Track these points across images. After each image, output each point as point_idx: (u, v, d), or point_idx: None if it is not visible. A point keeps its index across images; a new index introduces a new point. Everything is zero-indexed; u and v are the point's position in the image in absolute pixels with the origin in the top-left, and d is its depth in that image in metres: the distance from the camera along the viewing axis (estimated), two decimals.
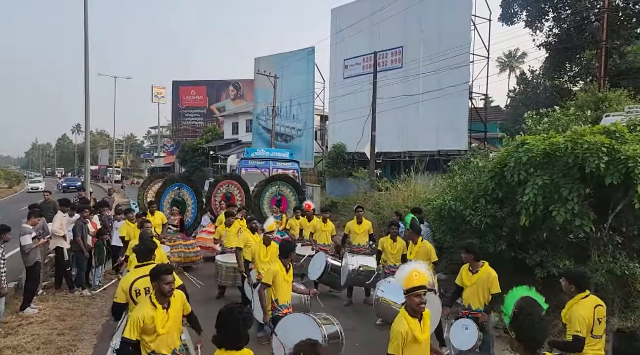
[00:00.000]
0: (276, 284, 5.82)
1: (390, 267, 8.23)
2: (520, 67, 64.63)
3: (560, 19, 22.00)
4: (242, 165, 16.45)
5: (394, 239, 8.25)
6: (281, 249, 6.03)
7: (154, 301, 4.18)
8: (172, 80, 65.33)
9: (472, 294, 5.65)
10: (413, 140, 24.74)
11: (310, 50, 33.15)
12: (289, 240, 6.31)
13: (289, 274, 5.93)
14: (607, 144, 6.13)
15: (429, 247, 7.24)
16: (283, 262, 5.91)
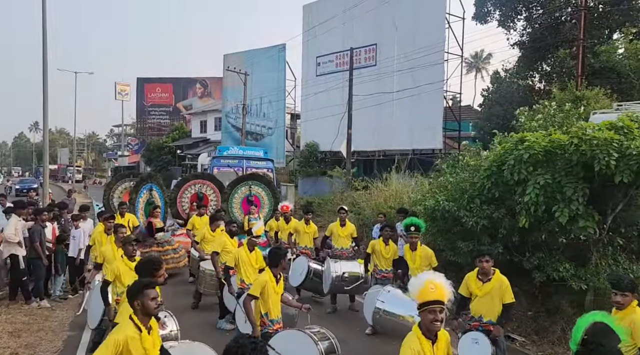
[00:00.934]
0: (265, 295, 5.18)
1: (381, 271, 7.71)
2: (486, 67, 65.78)
3: (532, 19, 22.04)
4: (214, 163, 15.64)
5: (386, 242, 7.71)
6: (270, 257, 5.41)
7: (136, 322, 3.50)
8: (136, 76, 63.21)
9: (484, 304, 5.15)
10: (387, 139, 24.43)
11: (281, 47, 32.49)
12: (279, 247, 5.68)
13: (279, 284, 5.31)
14: (616, 140, 5.76)
15: (429, 252, 6.69)
16: (273, 272, 5.28)
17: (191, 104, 54.43)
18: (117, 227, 6.91)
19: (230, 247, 7.73)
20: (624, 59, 17.16)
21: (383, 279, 7.64)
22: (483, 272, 5.19)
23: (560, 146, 6.60)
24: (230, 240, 7.81)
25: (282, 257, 5.32)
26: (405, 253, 6.87)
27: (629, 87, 17.30)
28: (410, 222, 6.62)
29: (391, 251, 7.68)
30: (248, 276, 6.61)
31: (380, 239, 7.83)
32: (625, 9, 19.29)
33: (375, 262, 7.78)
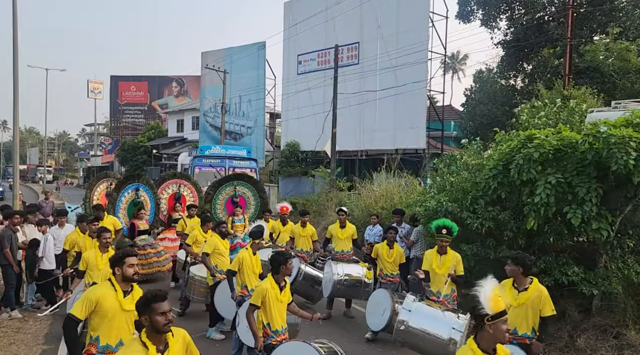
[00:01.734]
0: (267, 305, 4.78)
1: (386, 276, 7.37)
2: (462, 68, 66.33)
3: (514, 19, 22.05)
4: (196, 163, 15.05)
5: (391, 246, 7.37)
6: (271, 262, 4.98)
7: (144, 340, 3.17)
8: (109, 74, 61.74)
9: (519, 316, 4.76)
10: (369, 138, 24.12)
11: (260, 44, 31.91)
12: (281, 251, 5.22)
13: (283, 292, 4.89)
14: (635, 138, 5.48)
15: (459, 257, 6.18)
16: (275, 279, 4.88)
17: (167, 103, 53.33)
18: (101, 231, 6.31)
19: (221, 248, 7.30)
20: (608, 59, 17.18)
21: (388, 283, 7.32)
22: (515, 280, 4.82)
23: (571, 144, 6.31)
24: (222, 242, 7.36)
25: (282, 263, 4.88)
26: (430, 257, 6.28)
27: (612, 87, 17.36)
28: (442, 224, 6.08)
29: (396, 254, 7.35)
30: (251, 282, 6.19)
31: (384, 242, 7.50)
32: (607, 9, 19.43)
33: (380, 266, 7.45)
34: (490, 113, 20.41)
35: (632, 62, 16.81)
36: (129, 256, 4.03)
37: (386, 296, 6.75)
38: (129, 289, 4.03)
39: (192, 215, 10.24)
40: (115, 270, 4.01)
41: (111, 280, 4.00)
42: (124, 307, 3.93)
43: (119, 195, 10.98)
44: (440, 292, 6.04)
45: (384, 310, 6.67)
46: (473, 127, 21.47)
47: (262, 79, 31.63)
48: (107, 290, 3.94)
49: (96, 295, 3.89)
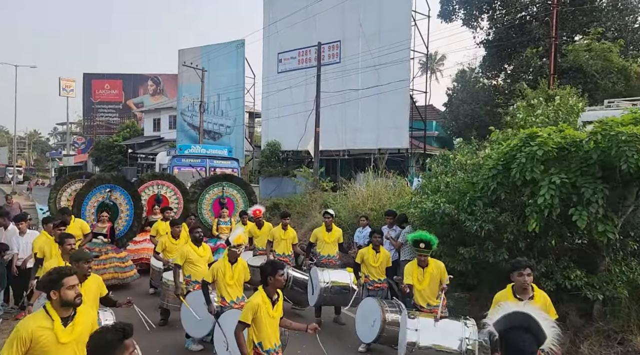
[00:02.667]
0: (258, 321, 4.31)
1: (373, 282, 6.96)
2: (440, 69, 66.80)
3: (495, 19, 22.05)
4: (175, 163, 14.47)
5: (377, 250, 6.96)
6: (260, 273, 4.53)
7: (49, 311, 3.31)
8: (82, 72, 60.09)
9: None
10: (351, 138, 23.83)
11: (239, 42, 31.30)
12: (272, 261, 4.79)
13: (275, 307, 4.43)
14: None
15: (442, 267, 5.89)
16: (266, 291, 4.41)
17: (142, 102, 52.20)
18: (63, 237, 5.65)
19: (194, 256, 6.73)
20: (590, 59, 17.22)
21: (376, 290, 6.91)
22: (523, 288, 4.44)
23: (575, 143, 6.06)
24: (195, 249, 6.79)
25: (269, 273, 4.40)
26: (411, 271, 5.90)
27: (594, 87, 17.40)
28: (419, 237, 5.74)
29: (382, 259, 6.94)
30: (229, 294, 5.73)
31: (369, 246, 7.11)
32: (588, 9, 19.53)
33: (366, 272, 7.02)
34: (473, 113, 20.33)
35: (614, 62, 16.87)
36: (67, 276, 3.34)
37: (375, 306, 6.36)
38: (70, 314, 3.37)
39: (167, 218, 9.70)
40: (51, 295, 3.30)
41: (46, 308, 3.32)
42: (61, 340, 3.28)
43: (85, 197, 10.31)
44: (430, 304, 5.75)
45: (373, 321, 6.28)
46: (456, 126, 21.36)
47: (241, 78, 31.06)
48: (41, 322, 3.28)
49: (28, 330, 3.21)
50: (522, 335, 2.78)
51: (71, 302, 3.35)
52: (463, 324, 5.24)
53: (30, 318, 3.42)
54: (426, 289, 5.77)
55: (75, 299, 3.36)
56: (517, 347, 2.77)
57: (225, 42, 31.72)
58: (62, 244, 5.59)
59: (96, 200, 10.61)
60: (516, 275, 4.48)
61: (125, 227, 10.75)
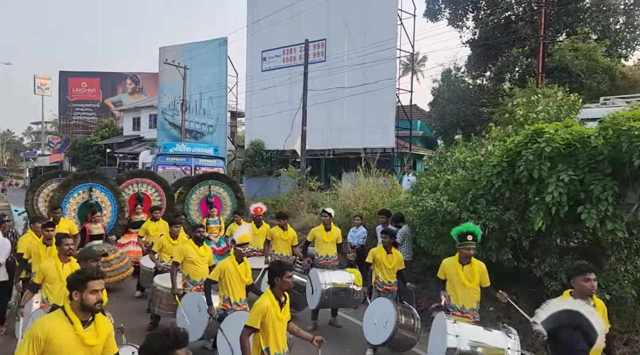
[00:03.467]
0: (266, 326, 4.05)
1: (383, 284, 6.63)
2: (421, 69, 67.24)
3: (480, 19, 22.10)
4: (159, 162, 14.02)
5: (388, 250, 6.65)
6: (268, 274, 4.27)
7: (68, 313, 3.13)
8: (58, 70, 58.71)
9: None
10: (337, 137, 23.61)
11: (222, 40, 30.84)
12: (280, 261, 4.51)
13: (283, 309, 4.18)
14: None
15: (484, 267, 5.42)
16: (274, 293, 4.15)
17: (121, 101, 51.18)
18: (61, 237, 5.38)
19: (194, 256, 6.47)
20: (575, 59, 17.33)
21: (386, 293, 6.61)
22: (586, 295, 4.01)
23: (582, 139, 5.91)
24: (196, 249, 6.54)
25: (277, 274, 4.15)
26: (451, 269, 5.43)
27: (579, 87, 17.51)
28: (466, 229, 5.27)
29: (395, 260, 6.63)
30: (234, 294, 5.44)
31: (380, 246, 6.82)
32: (572, 10, 19.69)
33: (377, 273, 6.70)
34: (459, 112, 20.30)
35: (600, 62, 16.99)
36: (93, 279, 3.18)
37: (389, 306, 6.05)
38: (88, 319, 3.22)
39: (157, 218, 9.34)
40: (73, 295, 3.16)
41: (64, 310, 3.17)
42: (87, 342, 3.13)
43: (65, 196, 9.87)
44: (464, 307, 5.32)
45: (386, 322, 5.97)
46: (442, 126, 21.32)
47: (224, 76, 30.60)
48: (58, 323, 3.12)
49: (44, 330, 3.05)
50: (573, 333, 2.57)
51: (91, 307, 3.18)
52: (505, 333, 4.94)
53: (46, 318, 3.26)
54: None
55: (95, 305, 3.19)
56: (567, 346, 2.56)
57: (207, 40, 31.21)
58: (60, 245, 5.29)
59: (75, 202, 10.17)
60: (581, 280, 4.06)
61: (110, 223, 10.34)
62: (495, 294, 5.38)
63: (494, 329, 5.11)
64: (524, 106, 8.05)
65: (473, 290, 5.31)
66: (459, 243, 5.32)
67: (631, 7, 19.73)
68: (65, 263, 5.23)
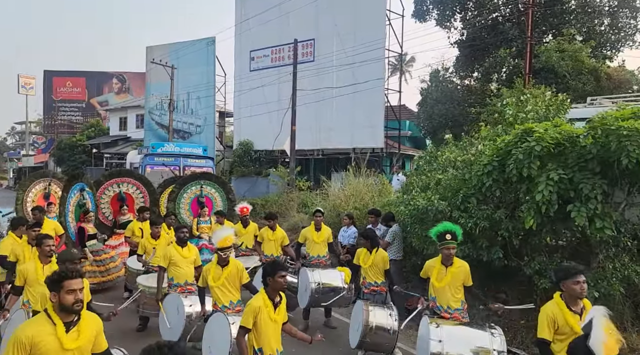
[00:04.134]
0: (258, 325, 4.05)
1: (370, 284, 6.50)
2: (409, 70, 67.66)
3: (467, 19, 22.27)
4: (147, 162, 13.91)
5: (370, 251, 6.49)
6: (262, 274, 4.25)
7: (50, 315, 3.08)
8: (43, 69, 57.91)
9: None
10: (326, 137, 23.62)
11: (210, 40, 30.65)
12: (275, 261, 4.47)
13: (278, 310, 4.16)
14: None
15: (466, 267, 5.33)
16: (267, 293, 4.14)
17: (107, 100, 50.70)
18: (41, 238, 5.29)
19: (177, 258, 6.37)
20: (561, 60, 17.53)
21: (372, 293, 6.50)
22: (576, 299, 3.94)
23: (571, 138, 5.99)
24: (179, 250, 6.44)
25: (269, 274, 4.14)
26: (433, 270, 5.37)
27: (565, 87, 17.72)
28: (443, 229, 5.17)
29: (376, 260, 6.44)
30: (220, 298, 5.36)
31: (363, 247, 6.66)
32: (558, 11, 19.93)
33: (363, 273, 6.59)
34: (447, 112, 20.43)
35: (585, 63, 17.21)
36: (68, 279, 3.08)
37: (360, 309, 6.00)
38: (72, 320, 3.14)
39: (145, 218, 9.24)
40: (52, 297, 3.10)
41: (47, 312, 3.12)
42: (65, 346, 3.06)
43: (67, 196, 9.77)
44: (450, 307, 5.24)
45: (358, 325, 5.96)
46: (430, 126, 21.44)
47: (212, 76, 30.41)
48: (42, 326, 3.06)
49: (27, 335, 2.99)
50: None
51: (69, 308, 3.08)
52: (490, 333, 4.86)
53: (30, 322, 3.26)
54: (445, 289, 5.21)
55: (73, 305, 3.08)
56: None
57: (195, 39, 31.02)
58: (40, 246, 5.20)
59: (72, 202, 10.07)
60: (571, 283, 3.92)
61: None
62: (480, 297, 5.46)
63: (479, 329, 5.04)
64: (514, 106, 8.14)
65: (442, 290, 5.24)
66: (439, 244, 5.25)
67: (615, 9, 20.04)
68: (46, 264, 5.14)
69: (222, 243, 5.38)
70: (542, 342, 3.93)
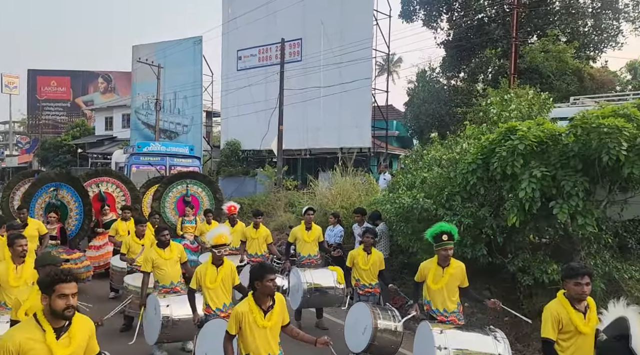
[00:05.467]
0: (243, 331, 3.92)
1: (364, 286, 6.38)
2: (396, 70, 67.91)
3: (453, 20, 22.42)
4: (133, 161, 13.79)
5: (368, 251, 6.39)
6: (249, 278, 4.08)
7: (40, 320, 2.94)
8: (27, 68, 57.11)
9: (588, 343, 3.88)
10: (313, 137, 23.65)
11: (197, 39, 30.49)
12: (262, 263, 4.35)
13: (268, 315, 3.96)
14: (627, 128, 5.28)
15: (462, 267, 5.22)
16: (255, 298, 3.97)
17: (92, 100, 50.15)
18: (14, 238, 5.10)
19: (159, 260, 6.26)
20: (546, 61, 17.73)
21: (367, 295, 6.40)
22: (579, 300, 3.88)
23: (553, 137, 6.07)
24: (160, 252, 6.32)
25: (256, 278, 3.92)
26: (428, 272, 5.22)
27: (549, 88, 17.93)
28: (440, 229, 5.03)
29: (373, 261, 6.37)
30: (213, 300, 5.24)
31: (360, 247, 6.60)
32: (542, 12, 20.15)
33: (356, 275, 6.46)
34: (434, 112, 20.55)
35: (569, 63, 17.43)
36: (60, 282, 2.90)
37: (366, 311, 5.79)
38: (63, 325, 2.99)
39: (126, 218, 9.19)
40: (42, 299, 2.95)
41: (36, 317, 2.96)
42: (56, 354, 2.93)
43: (32, 197, 9.62)
44: (446, 309, 5.09)
45: (364, 328, 5.72)
46: (417, 126, 21.56)
47: (199, 76, 30.25)
48: (31, 333, 2.91)
49: (15, 342, 2.84)
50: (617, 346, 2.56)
51: (59, 314, 2.93)
52: (493, 337, 4.74)
53: (17, 328, 3.05)
54: (442, 291, 5.07)
55: (64, 311, 2.92)
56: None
57: (181, 38, 30.84)
58: (12, 246, 5.03)
59: (43, 201, 9.92)
60: (572, 284, 3.85)
61: (76, 227, 10.09)
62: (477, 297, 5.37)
63: (482, 333, 4.91)
64: (498, 105, 8.22)
65: (438, 292, 5.12)
66: (435, 244, 5.13)
67: (598, 10, 20.32)
68: (19, 264, 5.00)
69: (216, 240, 5.28)
70: (547, 342, 3.86)
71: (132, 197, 11.33)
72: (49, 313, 2.94)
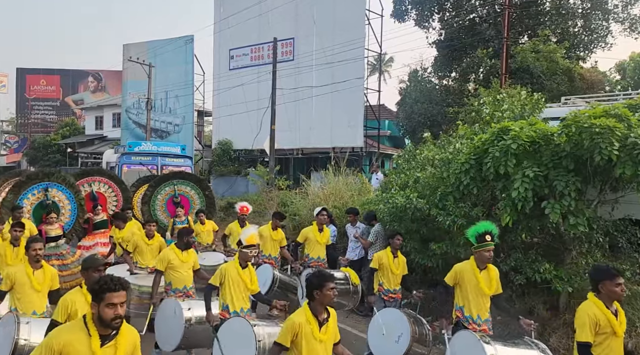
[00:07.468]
0: (299, 345, 3.59)
1: (388, 291, 6.11)
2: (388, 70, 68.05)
3: (445, 20, 22.51)
4: (124, 161, 13.68)
5: (395, 254, 6.14)
6: (306, 286, 3.76)
7: (88, 324, 2.92)
8: (15, 66, 56.67)
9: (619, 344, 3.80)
10: (305, 137, 23.64)
11: (188, 38, 30.32)
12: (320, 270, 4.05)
13: (324, 328, 3.66)
14: (618, 128, 5.32)
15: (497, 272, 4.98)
16: (311, 308, 3.66)
17: (82, 99, 49.83)
18: (30, 241, 4.99)
19: (177, 262, 6.00)
20: (537, 61, 17.85)
21: (391, 301, 6.17)
22: (613, 301, 3.81)
23: (545, 137, 6.10)
24: (180, 255, 6.03)
25: (316, 287, 3.62)
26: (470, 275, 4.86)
27: (540, 88, 18.03)
28: (483, 229, 4.73)
29: (401, 265, 6.15)
30: (234, 302, 5.08)
31: (387, 248, 6.30)
32: (533, 13, 20.29)
33: (381, 279, 6.17)
34: (426, 112, 20.61)
35: (560, 63, 17.56)
36: (110, 291, 2.87)
37: (401, 318, 5.32)
38: (110, 333, 2.96)
39: (121, 227, 9.05)
40: (92, 307, 2.95)
41: (85, 320, 2.95)
42: None
43: (17, 198, 9.47)
44: (480, 317, 4.78)
45: (398, 336, 5.28)
46: (410, 125, 21.62)
47: (190, 75, 30.10)
48: (76, 335, 2.90)
49: (59, 342, 2.85)
50: None
51: (107, 323, 2.91)
52: (540, 350, 4.36)
53: (65, 328, 3.09)
54: (481, 296, 4.77)
55: (112, 321, 2.90)
56: None
57: (172, 37, 30.68)
58: (28, 250, 4.92)
59: (30, 203, 9.75)
60: (611, 285, 3.75)
61: (69, 223, 9.97)
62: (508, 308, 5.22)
63: (526, 347, 4.45)
64: (490, 105, 8.26)
65: (488, 298, 4.83)
66: (477, 245, 4.78)
67: (588, 11, 20.50)
68: (36, 269, 4.91)
69: (249, 240, 5.16)
70: (584, 345, 3.73)
71: (124, 197, 11.24)
72: (97, 320, 2.93)
